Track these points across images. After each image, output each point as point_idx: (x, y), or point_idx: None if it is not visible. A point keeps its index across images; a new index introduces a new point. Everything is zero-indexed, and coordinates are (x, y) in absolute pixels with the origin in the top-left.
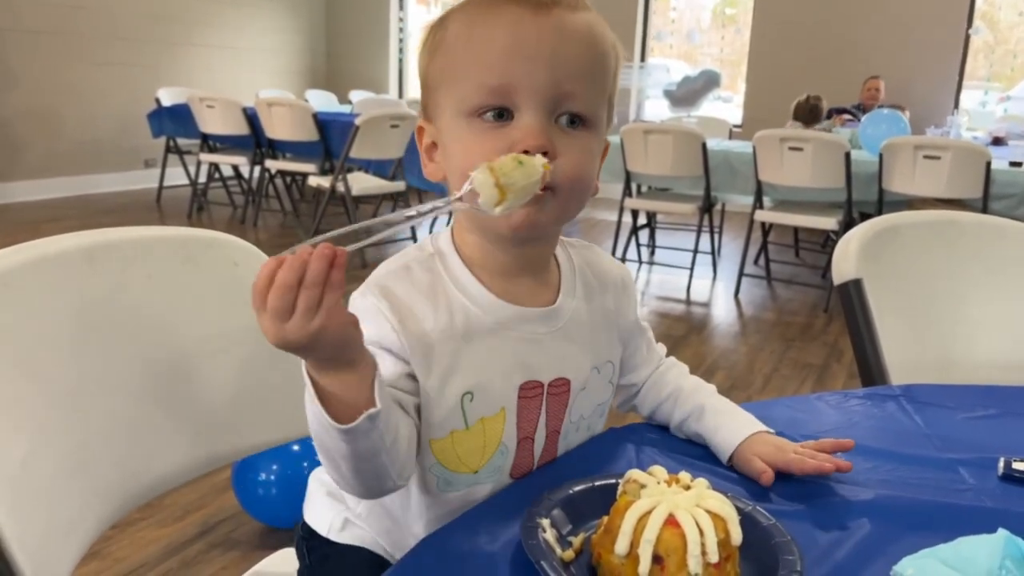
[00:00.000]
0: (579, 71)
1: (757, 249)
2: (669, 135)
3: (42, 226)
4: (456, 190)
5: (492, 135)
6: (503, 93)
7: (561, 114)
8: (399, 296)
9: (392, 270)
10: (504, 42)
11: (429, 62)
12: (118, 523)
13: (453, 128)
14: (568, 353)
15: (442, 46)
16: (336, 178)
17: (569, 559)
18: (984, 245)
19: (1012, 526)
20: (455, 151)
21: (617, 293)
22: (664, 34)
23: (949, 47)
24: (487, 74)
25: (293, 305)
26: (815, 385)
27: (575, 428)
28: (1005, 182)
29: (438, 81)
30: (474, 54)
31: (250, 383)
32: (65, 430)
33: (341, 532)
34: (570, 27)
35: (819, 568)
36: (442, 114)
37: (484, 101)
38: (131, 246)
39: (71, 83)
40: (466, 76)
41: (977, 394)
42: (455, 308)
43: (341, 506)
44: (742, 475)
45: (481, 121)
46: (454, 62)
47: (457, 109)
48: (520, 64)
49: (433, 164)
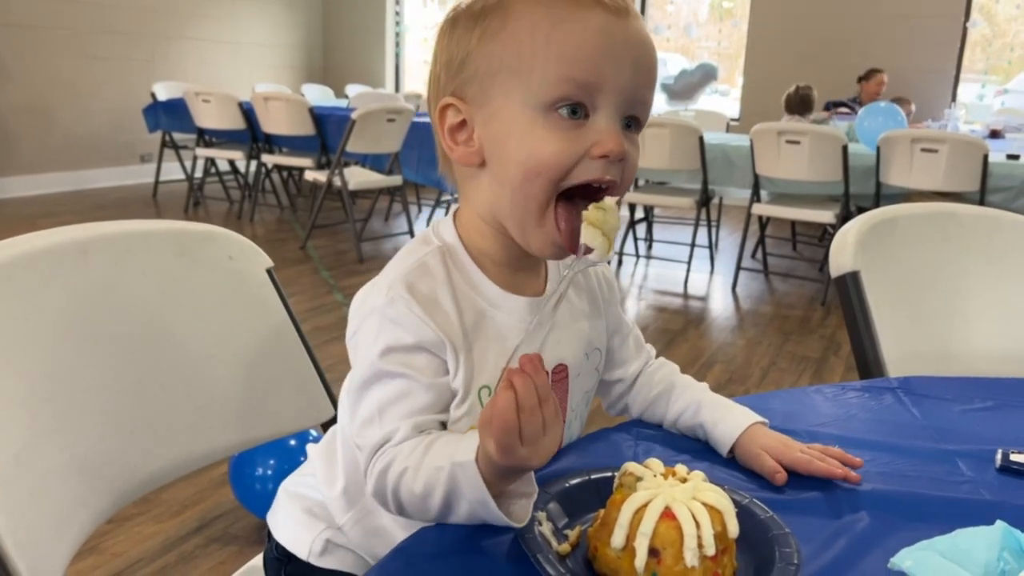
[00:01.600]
0: (651, 80)
1: (755, 243)
2: (666, 129)
3: (37, 221)
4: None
5: (568, 134)
6: (588, 89)
7: (627, 117)
8: (425, 293)
9: (410, 268)
10: (596, 41)
11: (477, 45)
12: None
13: (520, 118)
14: (562, 338)
15: (506, 33)
16: (333, 172)
17: (565, 552)
18: (981, 237)
19: (1010, 518)
20: (521, 142)
21: (601, 282)
22: (661, 27)
23: (947, 40)
24: (575, 68)
25: (543, 423)
26: (813, 378)
27: (575, 416)
28: (1002, 175)
29: (495, 67)
30: (561, 47)
31: (246, 377)
32: (59, 425)
33: (323, 556)
34: (644, 37)
35: (816, 561)
36: (497, 101)
37: (566, 93)
38: (125, 240)
39: (65, 77)
40: (547, 67)
41: (975, 386)
42: (468, 303)
43: (321, 525)
44: (746, 469)
45: (557, 117)
46: (531, 51)
47: (529, 100)
48: (610, 64)
49: (463, 148)
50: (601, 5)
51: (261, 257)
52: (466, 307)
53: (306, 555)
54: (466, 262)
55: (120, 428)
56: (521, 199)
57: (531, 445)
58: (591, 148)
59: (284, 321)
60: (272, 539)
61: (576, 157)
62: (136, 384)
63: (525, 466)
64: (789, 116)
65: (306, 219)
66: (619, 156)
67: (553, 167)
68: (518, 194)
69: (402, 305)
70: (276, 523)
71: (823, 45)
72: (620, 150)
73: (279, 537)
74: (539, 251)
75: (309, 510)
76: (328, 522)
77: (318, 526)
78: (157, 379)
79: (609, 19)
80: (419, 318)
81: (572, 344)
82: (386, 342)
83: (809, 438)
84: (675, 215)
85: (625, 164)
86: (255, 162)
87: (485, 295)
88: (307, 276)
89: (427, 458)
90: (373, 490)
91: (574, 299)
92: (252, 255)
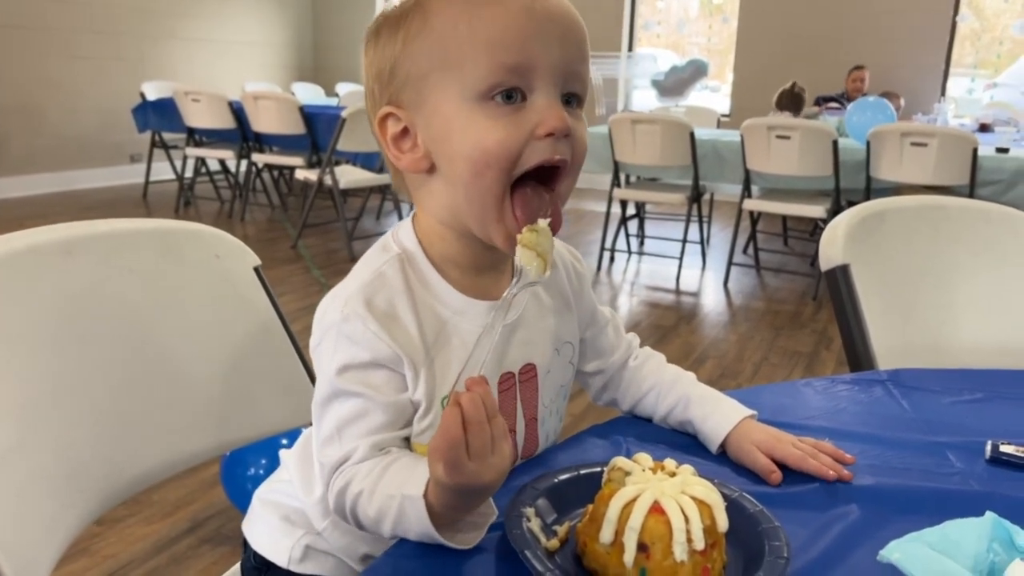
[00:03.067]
0: (582, 53)
1: (746, 238)
2: (657, 125)
3: (26, 222)
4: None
5: (510, 120)
6: (520, 72)
7: (566, 94)
8: (382, 308)
9: (367, 281)
10: (520, 21)
11: (403, 50)
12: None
13: (459, 113)
14: (530, 338)
15: (427, 32)
16: (324, 171)
17: (554, 548)
18: (969, 229)
19: (1000, 509)
20: (465, 137)
21: (570, 275)
22: (651, 23)
23: (936, 34)
24: (504, 53)
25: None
26: (805, 372)
27: (549, 413)
28: (991, 168)
29: (425, 68)
30: (486, 35)
31: (235, 376)
32: (45, 425)
33: (303, 562)
34: (568, 10)
35: (806, 554)
36: (433, 101)
37: (500, 79)
38: (110, 239)
39: (53, 77)
40: (476, 58)
41: (964, 378)
42: (428, 313)
43: (299, 531)
44: (738, 465)
45: (495, 105)
46: (456, 45)
47: (464, 93)
48: (538, 43)
49: (410, 155)
50: None
51: (248, 255)
52: (427, 318)
53: (285, 562)
54: (426, 270)
55: (107, 428)
56: (476, 195)
57: (479, 459)
58: (535, 129)
59: (272, 319)
60: (249, 548)
61: (522, 141)
62: (123, 384)
63: (476, 483)
64: (778, 112)
65: (297, 218)
66: (564, 132)
67: (501, 155)
68: (471, 190)
69: (358, 323)
70: (252, 532)
71: (813, 41)
72: (564, 125)
73: (256, 546)
74: (503, 245)
75: (286, 517)
76: (307, 528)
77: (296, 533)
78: (144, 379)
79: None
80: (375, 335)
81: (540, 342)
82: (343, 360)
83: (799, 431)
84: (666, 211)
85: (573, 140)
86: (245, 161)
87: (447, 303)
88: (298, 275)
89: (381, 484)
90: (334, 507)
91: (541, 295)
92: (239, 253)
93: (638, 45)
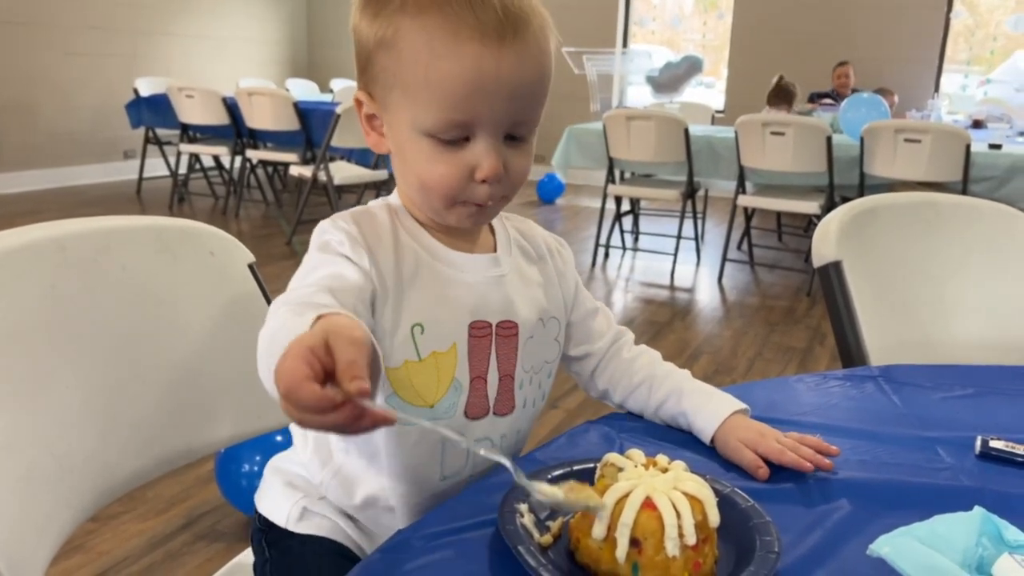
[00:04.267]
0: (533, 100)
1: (740, 234)
2: (652, 121)
3: (19, 219)
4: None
5: (451, 157)
6: (465, 126)
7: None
8: (366, 230)
9: (356, 211)
10: (470, 80)
11: (375, 48)
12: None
13: (411, 139)
14: (513, 301)
15: (395, 52)
16: (318, 167)
17: (547, 544)
18: (961, 225)
19: (989, 504)
20: (414, 159)
21: (555, 260)
22: (646, 20)
23: (930, 31)
24: (451, 110)
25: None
26: (798, 368)
27: (528, 379)
28: (985, 164)
29: (391, 81)
30: (439, 87)
31: (228, 373)
32: (38, 422)
33: (300, 522)
34: (526, 56)
35: (797, 548)
36: (393, 112)
37: (445, 128)
38: (103, 236)
39: (45, 74)
40: (427, 103)
41: (954, 374)
42: (408, 251)
43: (299, 494)
44: (728, 462)
45: (439, 141)
46: (413, 81)
47: (415, 123)
48: (482, 100)
49: (376, 136)
50: (479, 35)
51: (243, 252)
52: (405, 255)
53: (284, 522)
54: (410, 223)
55: (101, 426)
56: (424, 202)
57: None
58: (474, 171)
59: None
60: (257, 513)
61: (462, 180)
62: (116, 381)
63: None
64: (770, 109)
65: (292, 214)
66: (498, 178)
67: (443, 188)
68: (419, 197)
69: (343, 226)
70: (260, 498)
71: (807, 36)
72: (498, 173)
73: (261, 508)
74: (457, 224)
75: (290, 483)
76: (306, 491)
77: (296, 495)
78: (138, 375)
79: (484, 53)
80: (359, 243)
81: (523, 307)
82: (324, 240)
83: (791, 427)
84: (661, 207)
85: (510, 174)
86: (240, 158)
87: (428, 249)
88: (293, 271)
89: (295, 309)
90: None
91: (525, 269)
92: (233, 250)
93: (633, 41)
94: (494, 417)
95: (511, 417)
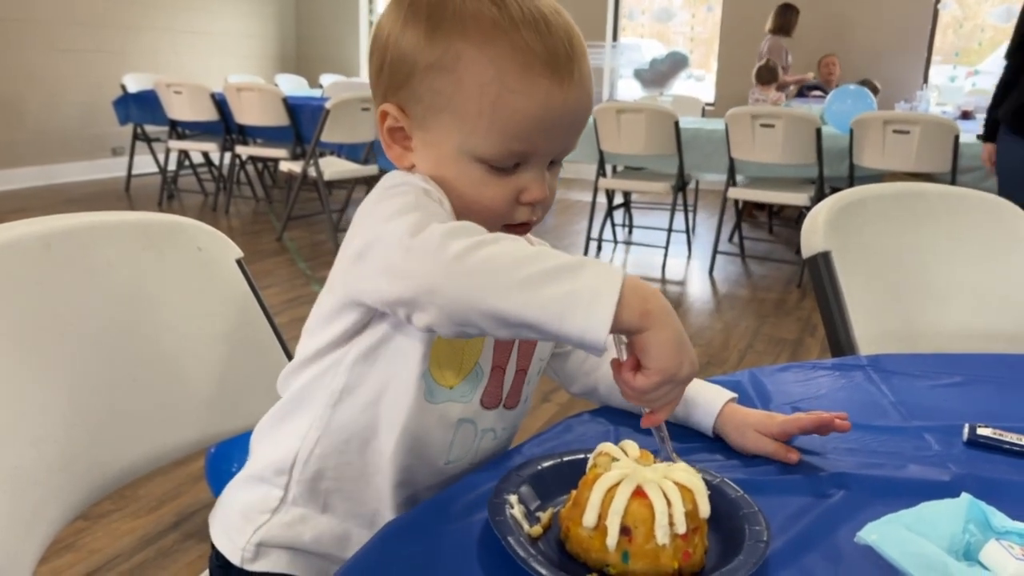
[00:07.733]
0: (578, 133)
1: (731, 227)
2: (642, 114)
3: (6, 217)
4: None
5: (501, 182)
6: (522, 155)
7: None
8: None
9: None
10: (536, 114)
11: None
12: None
13: (456, 159)
14: None
15: (454, 78)
16: (308, 163)
17: (537, 535)
18: (949, 215)
19: (976, 490)
20: (457, 181)
21: None
22: (636, 13)
23: (918, 22)
24: (513, 140)
25: None
26: (789, 359)
27: (536, 373)
28: (973, 155)
29: (441, 104)
30: (504, 121)
31: (217, 370)
32: (26, 420)
33: (255, 562)
34: (585, 89)
35: (785, 536)
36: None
37: (503, 159)
38: (89, 232)
39: (31, 70)
40: (488, 132)
41: (942, 362)
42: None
43: (250, 528)
44: (729, 449)
45: (491, 168)
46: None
47: (465, 148)
48: (544, 135)
49: (400, 149)
50: (550, 71)
51: (231, 247)
52: None
53: (239, 561)
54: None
55: (89, 422)
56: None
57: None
58: (520, 194)
59: (256, 312)
60: (214, 548)
61: (509, 203)
62: (105, 377)
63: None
64: (757, 85)
65: (282, 210)
66: (544, 203)
67: (490, 211)
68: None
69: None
70: (215, 526)
71: (796, 29)
72: (544, 197)
73: (217, 541)
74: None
75: (243, 513)
76: (260, 520)
77: (248, 530)
78: (126, 372)
79: (553, 90)
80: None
81: None
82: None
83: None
84: (652, 200)
85: (547, 196)
86: (229, 154)
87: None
88: (284, 267)
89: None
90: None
91: None
92: (222, 245)
93: (623, 34)
94: (503, 409)
95: (515, 411)
